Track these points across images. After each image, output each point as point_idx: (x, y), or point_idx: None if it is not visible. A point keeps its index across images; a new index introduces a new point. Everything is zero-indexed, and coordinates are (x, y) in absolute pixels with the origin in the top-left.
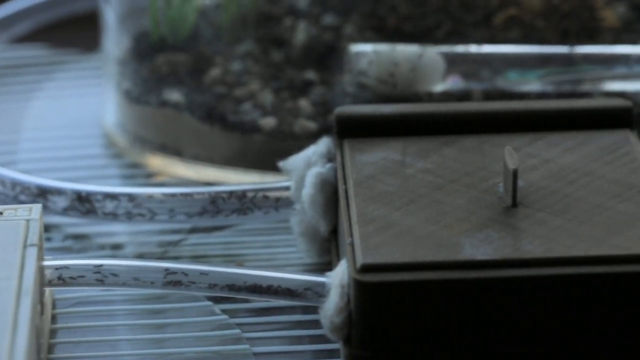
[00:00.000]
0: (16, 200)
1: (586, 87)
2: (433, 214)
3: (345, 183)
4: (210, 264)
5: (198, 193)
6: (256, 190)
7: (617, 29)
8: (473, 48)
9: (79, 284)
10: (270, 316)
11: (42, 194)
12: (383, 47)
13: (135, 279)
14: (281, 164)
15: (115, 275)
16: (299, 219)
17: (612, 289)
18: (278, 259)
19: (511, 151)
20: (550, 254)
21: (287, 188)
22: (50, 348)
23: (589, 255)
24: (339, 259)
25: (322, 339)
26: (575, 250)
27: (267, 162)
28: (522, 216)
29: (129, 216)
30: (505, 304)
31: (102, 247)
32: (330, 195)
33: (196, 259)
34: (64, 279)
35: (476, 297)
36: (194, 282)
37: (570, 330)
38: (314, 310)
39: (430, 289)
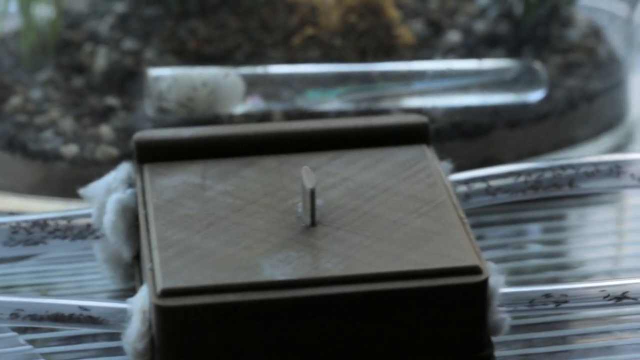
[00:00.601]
0: None
1: (385, 103)
2: (233, 235)
3: (145, 208)
4: (13, 294)
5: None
6: (58, 219)
7: (413, 46)
8: (273, 69)
9: None
10: (77, 344)
11: None
12: (182, 71)
13: None
14: (82, 191)
15: None
16: (102, 246)
17: (411, 303)
18: (85, 287)
19: (308, 171)
20: (348, 272)
21: (89, 215)
22: None
23: (387, 272)
24: (141, 284)
25: None
26: (373, 267)
27: (70, 189)
28: (321, 235)
29: None
30: (306, 323)
31: None
32: (132, 221)
33: (4, 289)
34: None
35: (277, 317)
36: None
37: (372, 345)
38: (120, 336)
39: (231, 311)
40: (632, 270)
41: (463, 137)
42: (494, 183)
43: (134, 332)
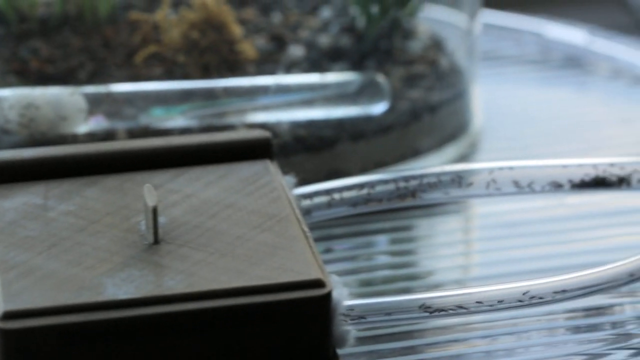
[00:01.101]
0: None
1: (229, 119)
2: (75, 256)
3: None
4: None
5: None
6: None
7: (256, 61)
8: (116, 87)
9: None
10: None
11: None
12: (23, 91)
13: None
14: None
15: None
16: None
17: (254, 318)
18: None
19: (150, 188)
20: (191, 289)
21: None
22: None
23: (230, 288)
24: None
25: None
26: (217, 284)
27: None
28: (164, 253)
29: None
30: (150, 341)
31: None
32: None
33: None
34: None
35: (120, 336)
36: None
37: None
38: None
39: (73, 331)
40: (481, 278)
41: (308, 150)
42: (337, 196)
43: None
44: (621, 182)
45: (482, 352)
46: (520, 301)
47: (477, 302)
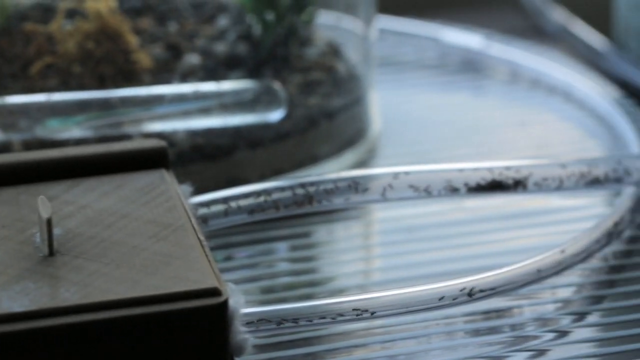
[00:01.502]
0: None
1: (126, 129)
2: None
3: None
4: None
5: None
6: None
7: (152, 70)
8: (11, 99)
9: None
10: None
11: None
12: None
13: None
14: None
15: None
16: None
17: (151, 328)
18: None
19: (44, 200)
20: (86, 300)
21: None
22: None
23: (125, 298)
24: None
25: None
26: (112, 294)
27: None
28: (59, 264)
29: None
30: (46, 354)
31: None
32: None
33: None
34: None
35: (16, 349)
36: None
37: None
38: None
39: None
40: (382, 283)
41: (206, 159)
42: (234, 204)
43: None
44: (517, 185)
45: (383, 357)
46: (425, 304)
47: (380, 306)
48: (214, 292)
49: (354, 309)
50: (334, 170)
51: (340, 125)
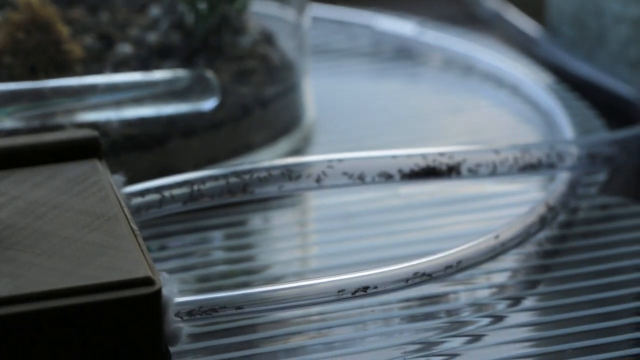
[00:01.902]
0: None
1: (58, 120)
2: None
3: None
4: None
5: None
6: None
7: (84, 61)
8: None
9: None
10: None
11: None
12: None
13: None
14: None
15: None
16: None
17: (83, 319)
18: None
19: None
20: (18, 291)
21: None
22: None
23: (57, 289)
24: None
25: None
26: (44, 285)
27: None
28: None
29: None
30: None
31: None
32: None
33: None
34: None
35: None
36: None
37: None
38: None
39: None
40: (319, 270)
41: (139, 149)
42: (168, 193)
43: None
44: (451, 171)
45: (320, 344)
46: (362, 290)
47: (316, 293)
48: (147, 281)
49: (293, 296)
50: (268, 158)
51: (274, 114)
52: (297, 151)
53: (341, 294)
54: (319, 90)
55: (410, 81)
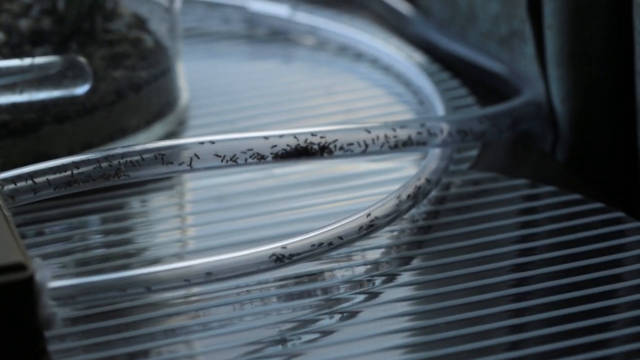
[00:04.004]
0: None
1: None
2: None
3: None
4: None
5: None
6: None
7: None
8: None
9: None
10: None
11: None
12: None
13: None
14: None
15: None
16: None
17: None
18: None
19: None
20: None
21: None
22: None
23: None
24: None
25: None
26: None
27: None
28: None
29: None
30: None
31: None
32: None
33: None
34: None
35: None
36: None
37: None
38: None
39: None
40: (197, 251)
41: (12, 135)
42: (41, 179)
43: None
44: (323, 151)
45: (198, 325)
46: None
47: (194, 274)
48: (19, 267)
49: (175, 277)
50: (143, 142)
51: (147, 98)
52: (172, 135)
53: (209, 277)
54: (194, 74)
55: (284, 62)
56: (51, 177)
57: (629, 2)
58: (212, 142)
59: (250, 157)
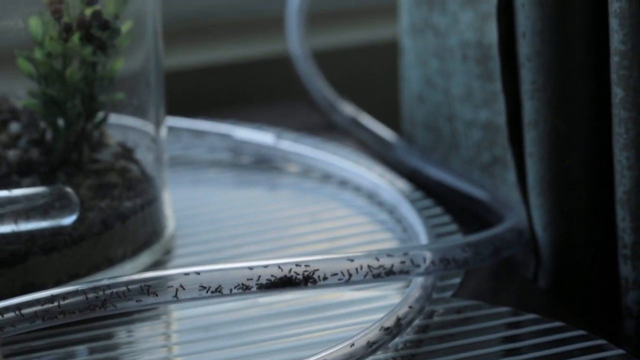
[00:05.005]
0: None
1: None
2: None
3: None
4: None
5: None
6: None
7: None
8: None
9: None
10: None
11: None
12: None
13: None
14: None
15: None
16: None
17: None
18: None
19: None
20: None
21: None
22: None
23: None
24: None
25: None
26: None
27: None
28: None
29: None
30: None
31: None
32: None
33: None
34: None
35: None
36: None
37: None
38: None
39: None
40: None
41: (0, 266)
42: (28, 310)
43: None
44: (307, 281)
45: None
46: None
47: None
48: None
49: None
50: (129, 272)
51: (134, 227)
52: (158, 264)
53: None
54: (180, 202)
55: (269, 190)
56: (39, 308)
57: (609, 132)
58: (198, 273)
59: (235, 287)
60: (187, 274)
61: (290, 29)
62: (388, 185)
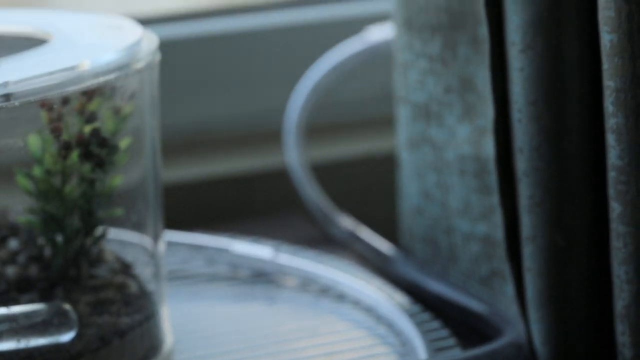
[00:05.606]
0: None
1: None
2: None
3: None
4: None
5: None
6: None
7: None
8: None
9: None
10: None
11: None
12: None
13: None
14: None
15: None
16: None
17: None
18: None
19: None
20: None
21: None
22: None
23: None
24: None
25: None
26: None
27: None
28: None
29: None
30: None
31: None
32: None
33: None
34: None
35: None
36: None
37: None
38: None
39: None
40: None
41: None
42: None
43: None
44: None
45: None
46: None
47: None
48: None
49: None
50: None
51: (132, 343)
52: None
53: None
54: (178, 317)
55: (268, 304)
56: None
57: (607, 246)
58: None
59: None
60: None
61: (287, 142)
62: (386, 298)
